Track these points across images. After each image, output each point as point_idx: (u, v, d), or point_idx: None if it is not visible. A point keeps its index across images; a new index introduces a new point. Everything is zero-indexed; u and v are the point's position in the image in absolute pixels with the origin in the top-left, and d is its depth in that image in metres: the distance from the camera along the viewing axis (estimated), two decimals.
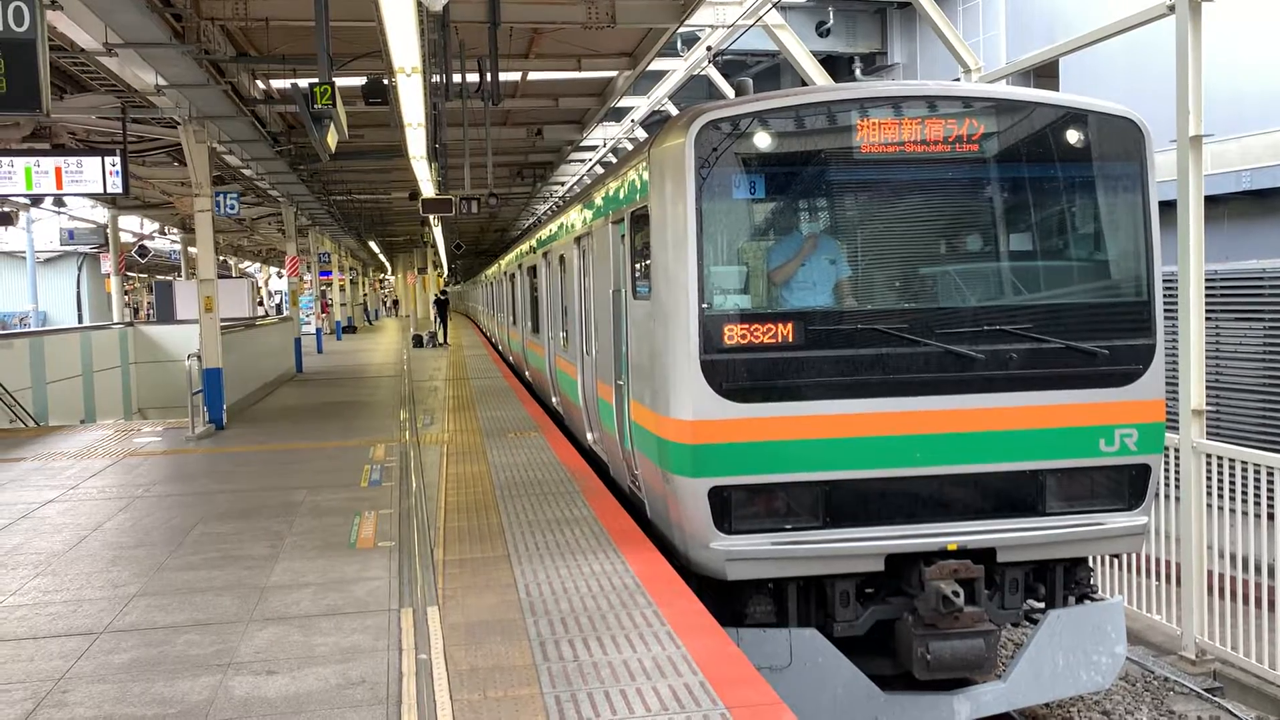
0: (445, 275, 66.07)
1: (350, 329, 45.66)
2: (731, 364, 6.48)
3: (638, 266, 7.71)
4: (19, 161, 12.85)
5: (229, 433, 13.90)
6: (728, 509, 6.51)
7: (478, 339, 36.60)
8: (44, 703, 4.84)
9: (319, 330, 33.68)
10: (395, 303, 70.63)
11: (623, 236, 8.17)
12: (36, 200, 23.42)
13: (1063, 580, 7.08)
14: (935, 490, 6.68)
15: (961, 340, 6.64)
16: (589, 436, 10.79)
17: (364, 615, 5.94)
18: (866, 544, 6.57)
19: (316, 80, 9.33)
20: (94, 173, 13.00)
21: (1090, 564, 7.30)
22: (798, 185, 7.04)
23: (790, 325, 6.50)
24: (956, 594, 6.36)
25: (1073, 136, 6.92)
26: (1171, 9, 8.44)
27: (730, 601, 6.74)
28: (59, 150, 14.16)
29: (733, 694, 4.64)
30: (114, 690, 4.96)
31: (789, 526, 6.57)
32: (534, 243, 16.52)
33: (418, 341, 32.80)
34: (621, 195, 8.22)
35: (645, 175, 7.18)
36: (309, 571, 6.88)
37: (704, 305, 6.49)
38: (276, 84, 15.74)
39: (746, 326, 6.50)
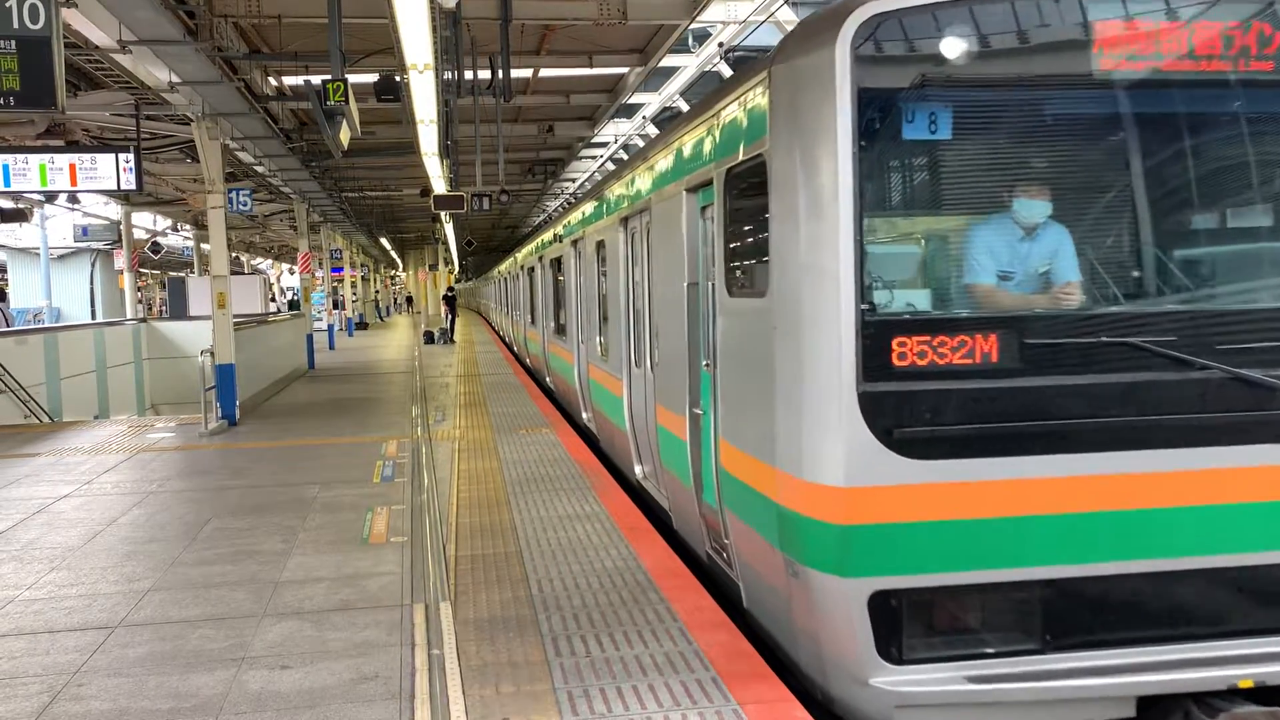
0: (456, 272, 66.16)
1: (362, 326, 45.80)
2: (909, 398, 4.39)
3: (735, 248, 5.62)
4: (33, 158, 12.91)
5: (242, 428, 13.96)
6: (898, 626, 4.46)
7: (489, 335, 36.67)
8: (60, 696, 4.87)
9: (331, 326, 33.81)
10: (409, 299, 69.41)
11: (704, 208, 6.24)
12: (51, 197, 23.57)
13: None
14: (1215, 593, 4.56)
15: (1257, 360, 4.53)
16: (638, 470, 8.89)
17: (377, 610, 5.96)
18: (1110, 680, 4.47)
19: (329, 77, 9.40)
20: (108, 169, 13.04)
21: None
22: (1006, 120, 4.76)
23: (996, 337, 4.43)
24: None
25: None
26: None
27: None
28: (73, 147, 14.20)
29: (744, 690, 4.65)
30: (129, 684, 5.00)
31: (991, 651, 4.50)
32: (560, 229, 14.50)
33: (429, 338, 32.89)
34: (706, 150, 6.02)
35: (760, 107, 4.98)
36: (322, 567, 6.91)
37: (864, 305, 4.39)
38: (289, 81, 15.79)
39: (930, 339, 4.39)
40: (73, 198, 25.10)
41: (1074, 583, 4.50)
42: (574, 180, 29.10)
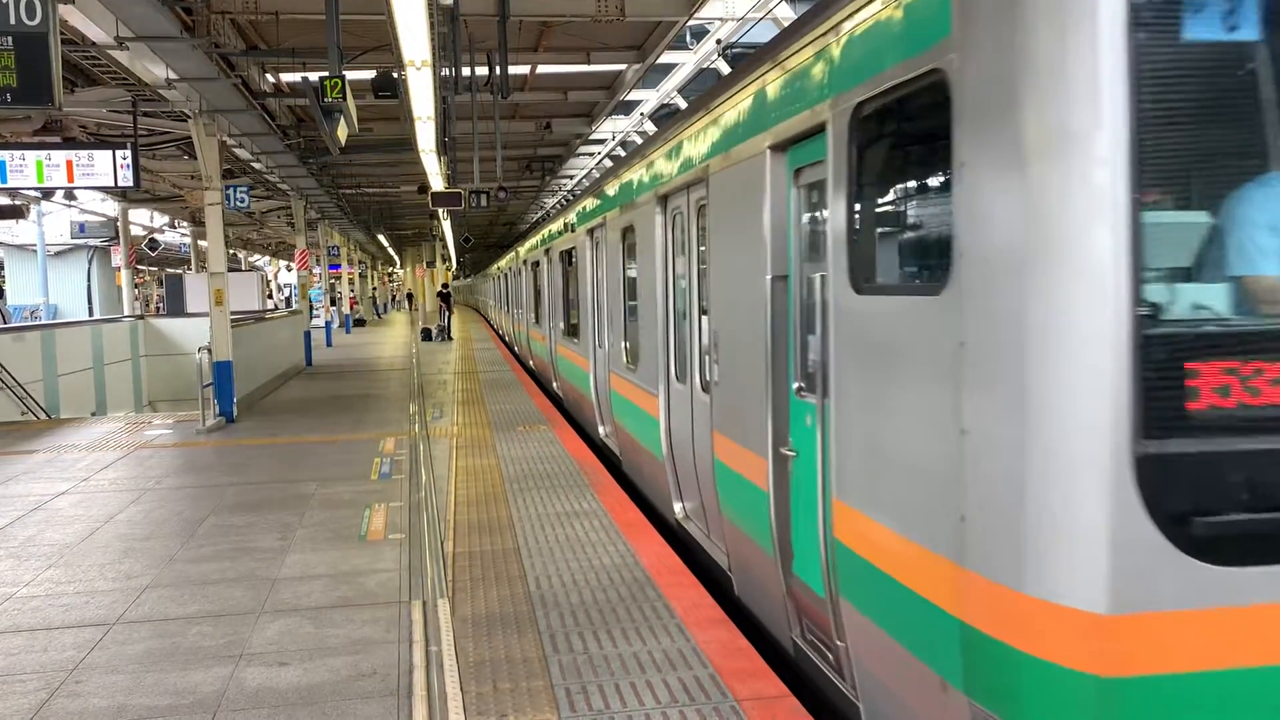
0: (453, 269, 65.96)
1: (359, 323, 45.76)
2: (1214, 465, 2.77)
3: (871, 221, 3.96)
4: (30, 155, 12.87)
5: (239, 426, 13.95)
6: None
7: (487, 333, 36.66)
8: (58, 693, 4.87)
9: (329, 324, 33.80)
10: (410, 296, 67.77)
11: (798, 171, 4.74)
12: (48, 193, 23.54)
13: None
14: None
15: None
16: (678, 509, 7.56)
17: (375, 607, 5.96)
18: None
19: (326, 74, 9.37)
20: (105, 166, 13.02)
21: None
22: None
23: None
24: None
25: None
26: None
27: None
28: (70, 144, 14.16)
29: (742, 686, 4.65)
30: (127, 680, 4.99)
31: None
32: (573, 217, 13.15)
33: (426, 335, 32.92)
34: (814, 81, 4.26)
35: None
36: (320, 563, 6.91)
37: (1143, 309, 2.76)
38: (286, 78, 15.76)
39: (1240, 365, 2.76)
40: (70, 194, 25.07)
41: None
42: (571, 177, 29.10)
